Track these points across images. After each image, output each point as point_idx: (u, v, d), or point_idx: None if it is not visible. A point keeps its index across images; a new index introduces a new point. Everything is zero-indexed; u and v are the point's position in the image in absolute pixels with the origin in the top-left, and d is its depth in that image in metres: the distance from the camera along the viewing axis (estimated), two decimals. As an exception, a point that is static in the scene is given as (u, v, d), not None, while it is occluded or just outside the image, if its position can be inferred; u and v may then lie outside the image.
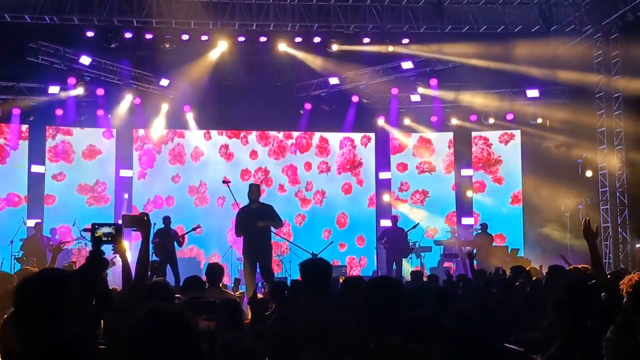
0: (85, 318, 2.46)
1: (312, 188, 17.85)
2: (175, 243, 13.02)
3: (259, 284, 9.97)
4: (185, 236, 13.34)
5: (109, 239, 3.83)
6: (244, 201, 10.70)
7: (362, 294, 3.48)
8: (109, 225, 3.90)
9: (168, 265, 12.52)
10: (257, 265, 10.16)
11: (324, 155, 17.94)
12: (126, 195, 16.64)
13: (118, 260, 4.31)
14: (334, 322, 4.02)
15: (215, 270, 6.88)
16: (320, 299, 4.20)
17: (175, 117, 16.59)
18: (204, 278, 6.90)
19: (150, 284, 4.64)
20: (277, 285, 6.47)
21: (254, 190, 10.50)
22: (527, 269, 8.46)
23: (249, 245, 10.27)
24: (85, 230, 4.08)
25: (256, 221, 10.13)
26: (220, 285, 7.11)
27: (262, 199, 10.68)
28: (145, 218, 4.15)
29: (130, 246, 11.62)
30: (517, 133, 17.49)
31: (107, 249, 3.92)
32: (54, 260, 7.44)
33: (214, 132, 17.48)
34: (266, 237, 10.39)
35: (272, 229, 10.53)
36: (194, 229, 13.29)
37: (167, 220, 13.27)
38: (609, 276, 5.51)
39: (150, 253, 11.86)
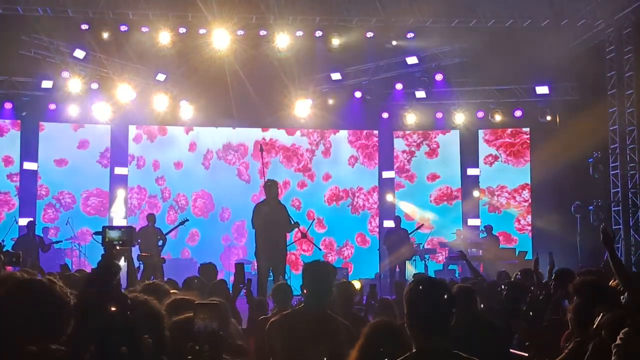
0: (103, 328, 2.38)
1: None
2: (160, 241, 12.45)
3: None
4: (177, 229, 13.09)
5: (121, 243, 3.64)
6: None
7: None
8: (120, 228, 3.74)
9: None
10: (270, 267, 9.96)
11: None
12: (122, 193, 16.28)
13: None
14: (333, 325, 4.01)
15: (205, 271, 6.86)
16: (321, 302, 4.16)
17: (171, 112, 16.13)
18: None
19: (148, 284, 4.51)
20: (281, 287, 6.30)
21: (273, 187, 10.38)
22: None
23: (265, 245, 10.01)
24: (96, 233, 3.99)
25: (275, 220, 10.00)
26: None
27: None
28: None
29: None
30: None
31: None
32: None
33: (211, 129, 17.10)
34: (283, 239, 10.26)
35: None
36: (182, 223, 12.88)
37: (150, 218, 12.87)
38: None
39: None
